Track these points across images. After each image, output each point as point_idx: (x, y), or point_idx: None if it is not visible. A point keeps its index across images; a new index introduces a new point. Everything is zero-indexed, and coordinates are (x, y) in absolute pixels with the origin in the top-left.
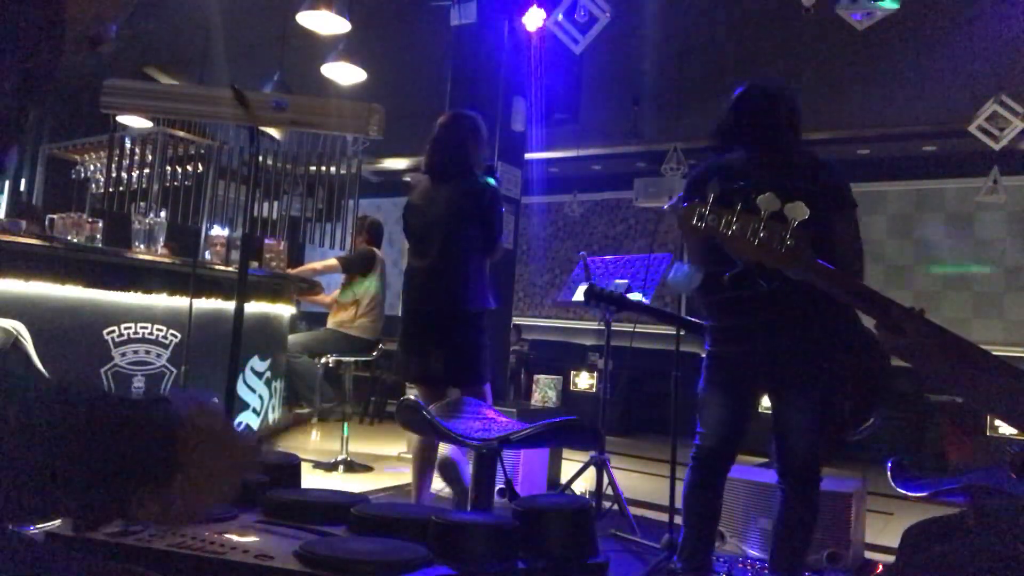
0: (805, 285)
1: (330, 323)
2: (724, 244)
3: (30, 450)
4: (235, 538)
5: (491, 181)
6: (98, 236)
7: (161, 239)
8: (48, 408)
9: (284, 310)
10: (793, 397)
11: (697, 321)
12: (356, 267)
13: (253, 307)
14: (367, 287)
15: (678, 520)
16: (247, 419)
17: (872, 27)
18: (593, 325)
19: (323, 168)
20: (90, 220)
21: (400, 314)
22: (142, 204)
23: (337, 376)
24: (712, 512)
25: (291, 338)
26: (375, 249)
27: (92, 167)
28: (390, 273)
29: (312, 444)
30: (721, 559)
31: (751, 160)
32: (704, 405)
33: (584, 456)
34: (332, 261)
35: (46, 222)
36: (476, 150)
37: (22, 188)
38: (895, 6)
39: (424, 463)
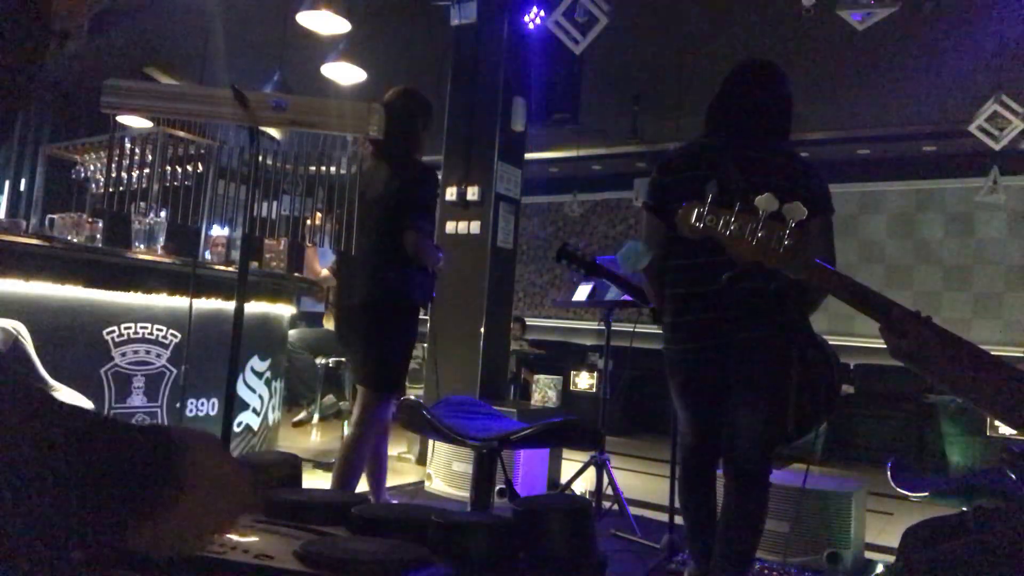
0: (759, 285)
1: (328, 326)
2: (723, 244)
3: (27, 478)
4: (235, 538)
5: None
6: (98, 236)
7: (161, 239)
8: (46, 435)
9: (284, 310)
10: (744, 396)
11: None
12: None
13: (253, 307)
14: None
15: (678, 520)
16: (247, 419)
17: (872, 27)
18: (593, 325)
19: (323, 168)
20: (90, 220)
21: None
22: (142, 204)
23: (337, 376)
24: (707, 508)
25: (292, 333)
26: None
27: (92, 167)
28: None
29: (312, 444)
30: None
31: (715, 151)
32: (676, 405)
33: (584, 456)
34: (326, 272)
35: (46, 222)
36: (424, 133)
37: (22, 188)
38: (895, 7)
39: (367, 463)
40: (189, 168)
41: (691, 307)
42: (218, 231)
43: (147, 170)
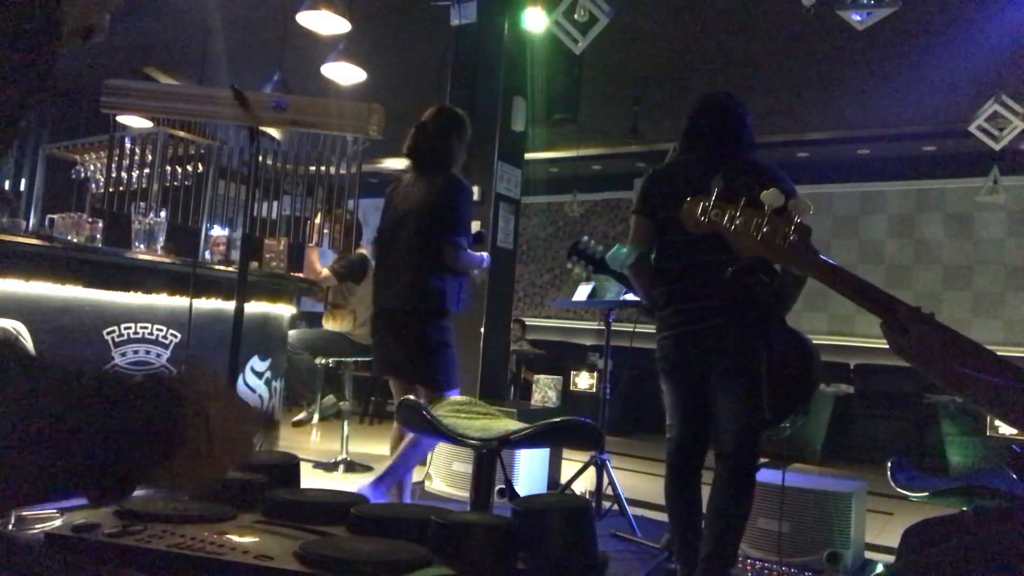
0: (739, 279)
1: (327, 326)
2: (728, 239)
3: (41, 430)
4: (235, 538)
5: (459, 177)
6: (98, 236)
7: (161, 239)
8: (54, 388)
9: (284, 310)
10: (724, 384)
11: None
12: (352, 276)
13: (253, 307)
14: (361, 296)
15: None
16: None
17: (872, 27)
18: (593, 325)
19: (323, 168)
20: (90, 220)
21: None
22: (142, 204)
23: (337, 376)
24: (693, 506)
25: (292, 333)
26: (365, 253)
27: (92, 167)
28: None
29: (312, 444)
30: None
31: (697, 164)
32: (664, 396)
33: (584, 456)
34: (326, 272)
35: (46, 222)
36: (459, 147)
37: (22, 188)
38: (895, 7)
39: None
40: (189, 168)
41: (675, 299)
42: (218, 231)
43: (147, 170)
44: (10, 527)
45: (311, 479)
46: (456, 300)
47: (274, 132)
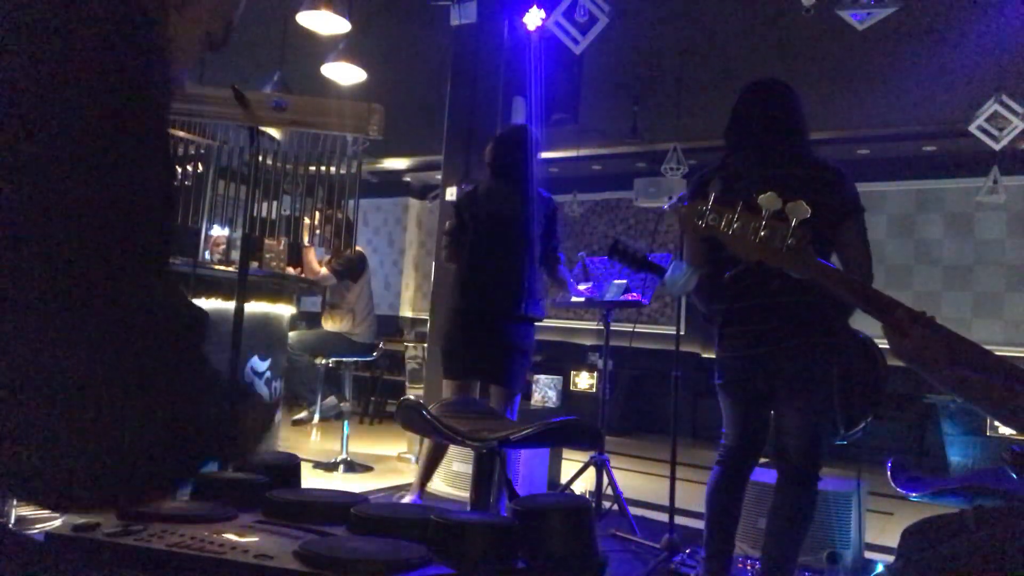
0: (801, 295)
1: (326, 326)
2: (725, 243)
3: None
4: (235, 538)
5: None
6: None
7: None
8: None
9: (284, 310)
10: (790, 398)
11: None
12: (350, 275)
13: (253, 307)
14: (358, 294)
15: (678, 520)
16: None
17: (872, 27)
18: (593, 325)
19: (323, 168)
20: None
21: (453, 308)
22: None
23: (337, 376)
24: (734, 511)
25: (291, 336)
26: (362, 251)
27: None
28: (389, 272)
29: (312, 444)
30: None
31: (752, 162)
32: (723, 408)
33: (584, 456)
34: (324, 271)
35: None
36: (531, 159)
37: None
38: (895, 7)
39: (431, 464)
40: (189, 168)
41: (739, 320)
42: (218, 231)
43: None
44: (10, 526)
45: (311, 479)
46: (538, 307)
47: (274, 132)
